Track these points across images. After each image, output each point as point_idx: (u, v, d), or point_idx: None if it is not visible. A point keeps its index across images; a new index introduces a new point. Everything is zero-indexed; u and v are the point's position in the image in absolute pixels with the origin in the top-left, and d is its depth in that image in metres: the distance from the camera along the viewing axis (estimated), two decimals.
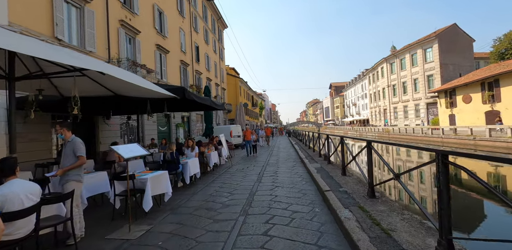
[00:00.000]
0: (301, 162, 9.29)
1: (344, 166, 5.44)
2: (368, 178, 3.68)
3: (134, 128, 13.49)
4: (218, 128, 18.22)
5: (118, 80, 4.72)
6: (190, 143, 6.93)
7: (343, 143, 5.47)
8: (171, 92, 6.26)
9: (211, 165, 7.75)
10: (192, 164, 6.19)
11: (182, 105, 9.56)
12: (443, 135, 21.56)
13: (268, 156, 12.05)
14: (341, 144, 5.50)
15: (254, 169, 8.43)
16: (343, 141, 5.45)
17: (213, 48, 29.78)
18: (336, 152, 6.41)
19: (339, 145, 5.93)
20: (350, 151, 5.18)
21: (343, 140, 5.48)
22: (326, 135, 7.35)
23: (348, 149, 5.31)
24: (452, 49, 35.12)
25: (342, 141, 5.46)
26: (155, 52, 15.71)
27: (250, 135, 11.85)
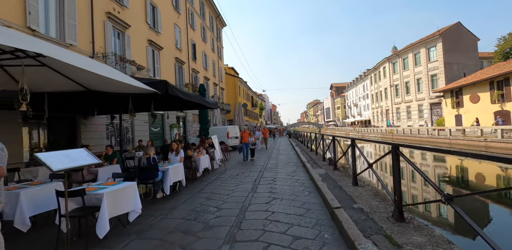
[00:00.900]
0: (302, 166, 8.33)
1: (355, 174, 4.50)
2: (395, 194, 2.73)
3: (123, 128, 12.55)
4: (214, 128, 17.27)
5: (85, 72, 3.81)
6: (174, 146, 5.98)
7: (354, 146, 4.52)
8: (151, 87, 5.35)
9: (200, 171, 6.81)
10: (175, 170, 5.25)
11: (170, 104, 8.64)
12: (451, 136, 20.57)
13: (267, 159, 11.08)
14: (352, 147, 4.55)
15: (250, 174, 7.47)
16: (355, 144, 4.51)
17: (211, 47, 28.89)
18: (344, 156, 5.45)
19: (348, 149, 4.99)
20: (364, 157, 4.21)
21: (354, 142, 4.54)
22: (332, 137, 6.41)
23: (361, 153, 4.35)
24: (456, 48, 34.21)
25: (353, 143, 4.52)
26: (147, 48, 14.80)
27: (248, 137, 10.58)
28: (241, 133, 11.09)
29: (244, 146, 10.80)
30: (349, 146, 4.81)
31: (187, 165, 6.52)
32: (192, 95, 7.26)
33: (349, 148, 4.84)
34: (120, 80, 4.43)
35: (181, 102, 7.70)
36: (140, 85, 5.00)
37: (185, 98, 6.53)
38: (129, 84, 4.74)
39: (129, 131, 12.97)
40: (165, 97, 6.59)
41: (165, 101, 8.03)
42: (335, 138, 6.45)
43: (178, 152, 5.94)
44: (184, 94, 6.34)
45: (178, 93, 5.82)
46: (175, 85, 18.51)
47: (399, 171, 2.80)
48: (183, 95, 6.22)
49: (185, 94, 6.53)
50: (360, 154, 4.38)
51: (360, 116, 62.42)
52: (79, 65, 3.22)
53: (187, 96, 6.69)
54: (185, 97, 6.43)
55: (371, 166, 3.74)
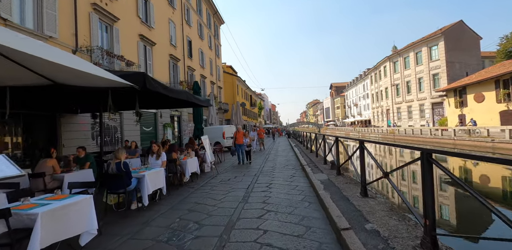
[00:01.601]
0: (301, 170, 7.59)
1: (365, 183, 3.75)
2: (426, 217, 1.97)
3: (111, 128, 11.80)
4: (210, 128, 16.54)
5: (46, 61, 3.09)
6: (155, 148, 5.23)
7: (363, 149, 3.77)
8: (127, 80, 4.61)
9: (187, 175, 6.06)
10: (153, 177, 4.50)
11: (158, 101, 7.90)
12: (455, 137, 19.87)
13: (263, 161, 10.32)
14: (361, 150, 3.79)
15: (244, 179, 6.73)
16: (364, 147, 3.76)
17: (208, 44, 28.11)
18: (350, 160, 4.70)
19: (355, 152, 4.25)
20: (378, 164, 3.41)
21: (363, 145, 3.78)
22: (335, 138, 5.65)
23: (374, 159, 3.58)
24: (458, 47, 33.57)
25: (361, 146, 3.77)
26: (138, 43, 14.03)
27: (242, 138, 9.49)
28: (234, 134, 9.97)
29: (238, 148, 9.67)
30: (356, 149, 4.06)
31: (171, 170, 5.77)
32: (179, 92, 6.51)
33: (357, 151, 4.09)
34: (88, 71, 3.71)
35: (169, 99, 6.98)
36: (113, 78, 4.27)
37: (169, 95, 5.80)
38: (100, 77, 4.01)
39: (118, 131, 12.21)
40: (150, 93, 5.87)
41: (151, 98, 7.31)
42: (338, 139, 5.70)
43: (160, 155, 5.19)
44: (167, 90, 5.58)
45: (160, 88, 5.07)
46: (170, 83, 17.81)
47: (432, 186, 2.04)
48: (166, 90, 5.46)
49: (169, 90, 5.78)
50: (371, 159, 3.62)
51: (360, 116, 61.74)
52: (35, 53, 2.50)
53: (171, 92, 5.94)
54: (168, 93, 5.69)
55: (387, 175, 3.00)
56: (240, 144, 9.67)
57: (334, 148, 5.92)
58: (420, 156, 2.16)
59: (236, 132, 9.89)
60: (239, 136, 9.61)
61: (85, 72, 3.74)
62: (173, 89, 6.29)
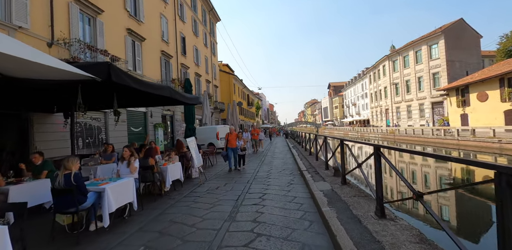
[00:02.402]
0: (300, 175, 6.77)
1: (383, 200, 2.89)
2: None
3: (94, 128, 10.91)
4: (202, 128, 15.70)
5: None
6: (125, 154, 4.37)
7: (379, 157, 2.91)
8: (89, 72, 3.77)
9: (168, 184, 5.22)
10: (118, 190, 3.65)
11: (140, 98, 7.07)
12: (459, 137, 19.15)
13: (258, 165, 9.46)
14: (377, 158, 2.93)
15: (234, 187, 5.88)
16: (381, 154, 2.90)
17: (204, 42, 27.22)
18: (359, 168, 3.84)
19: (368, 158, 3.42)
20: (405, 180, 2.53)
21: (379, 152, 2.92)
22: (340, 140, 4.80)
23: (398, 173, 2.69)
24: (458, 45, 32.98)
25: (377, 153, 2.90)
26: (126, 38, 13.14)
27: (235, 140, 8.26)
28: (226, 135, 8.55)
29: (230, 152, 8.30)
30: (369, 156, 3.23)
31: (147, 178, 4.92)
32: (160, 87, 5.66)
33: (370, 159, 3.26)
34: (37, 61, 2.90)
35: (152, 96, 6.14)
36: (67, 69, 3.42)
37: (144, 90, 4.95)
38: (51, 67, 3.19)
39: (102, 131, 11.32)
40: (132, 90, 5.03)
41: (133, 95, 6.46)
42: (344, 143, 4.85)
43: (131, 162, 4.33)
44: (141, 84, 4.73)
45: (129, 81, 4.21)
46: (162, 81, 16.91)
47: (508, 223, 1.23)
48: (139, 85, 4.61)
49: (144, 84, 4.92)
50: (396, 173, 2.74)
51: (359, 115, 61.12)
52: None
53: (148, 87, 5.09)
54: (143, 88, 4.84)
55: (420, 197, 2.16)
56: (233, 147, 8.39)
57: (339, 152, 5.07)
58: (494, 176, 1.34)
59: (228, 134, 8.54)
60: (232, 138, 8.37)
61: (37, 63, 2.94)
62: (151, 83, 5.44)
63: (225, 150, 8.44)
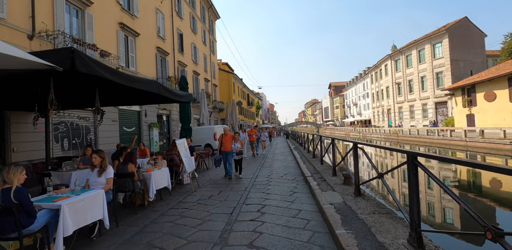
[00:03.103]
0: (304, 182, 6.03)
1: (419, 226, 2.15)
2: None
3: (82, 128, 10.18)
4: (199, 129, 14.97)
5: None
6: (95, 160, 3.64)
7: (416, 167, 2.16)
8: (48, 60, 3.06)
9: (152, 194, 4.48)
10: (81, 207, 2.92)
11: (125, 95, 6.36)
12: (467, 138, 18.40)
13: (258, 168, 8.71)
14: (412, 169, 2.18)
15: (229, 197, 5.14)
16: (419, 165, 2.14)
17: (202, 39, 26.48)
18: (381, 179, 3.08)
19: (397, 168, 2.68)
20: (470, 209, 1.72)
21: (416, 161, 2.17)
22: (353, 144, 4.06)
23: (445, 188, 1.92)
24: (463, 44, 32.24)
25: (413, 162, 2.14)
26: (118, 33, 12.41)
27: (230, 142, 7.13)
28: (220, 137, 7.29)
29: (225, 156, 7.11)
30: (400, 165, 2.49)
31: (126, 188, 4.18)
32: (144, 82, 4.92)
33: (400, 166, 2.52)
34: None
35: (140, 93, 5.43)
36: (16, 55, 2.71)
37: (126, 84, 4.23)
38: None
39: (90, 131, 10.58)
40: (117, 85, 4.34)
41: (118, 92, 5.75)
42: (357, 146, 4.11)
43: (104, 169, 3.59)
44: (120, 77, 4.00)
45: (102, 72, 3.48)
46: (158, 79, 16.21)
47: None
48: (117, 77, 3.88)
49: (122, 76, 4.18)
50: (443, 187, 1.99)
51: (360, 116, 60.37)
52: None
53: (130, 81, 4.37)
54: (124, 81, 4.12)
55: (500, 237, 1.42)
56: (227, 150, 7.12)
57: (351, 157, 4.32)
58: None
59: (222, 135, 7.23)
60: (227, 139, 7.14)
61: None
62: (134, 77, 4.71)
63: (218, 153, 7.19)
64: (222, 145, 7.23)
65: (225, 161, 7.24)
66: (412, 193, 2.24)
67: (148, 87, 4.95)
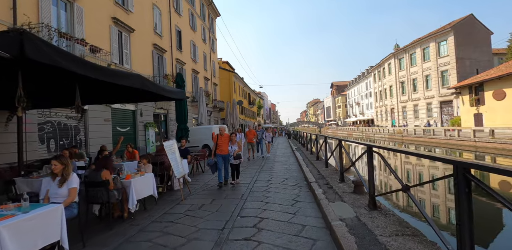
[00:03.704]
0: (308, 189, 5.39)
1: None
2: None
3: (70, 128, 9.59)
4: (197, 128, 14.37)
5: None
6: (56, 168, 2.99)
7: (467, 183, 1.54)
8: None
9: (132, 205, 3.86)
10: (25, 228, 2.30)
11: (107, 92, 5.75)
12: (476, 138, 17.67)
13: (257, 172, 8.06)
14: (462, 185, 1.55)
15: (222, 207, 4.51)
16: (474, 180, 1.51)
17: (202, 37, 25.87)
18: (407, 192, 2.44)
19: (436, 181, 2.06)
20: None
21: (469, 176, 1.55)
22: (367, 147, 3.40)
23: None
24: (468, 42, 31.45)
25: (463, 177, 1.52)
26: (111, 28, 11.81)
27: (227, 144, 6.18)
28: (214, 137, 6.37)
29: (220, 160, 6.13)
30: (442, 178, 1.89)
31: (99, 199, 3.56)
32: (125, 75, 4.30)
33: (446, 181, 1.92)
34: None
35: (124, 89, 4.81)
36: None
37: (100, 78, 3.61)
38: None
39: (80, 132, 9.99)
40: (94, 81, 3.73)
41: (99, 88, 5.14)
42: (372, 149, 3.45)
43: (66, 178, 2.97)
44: (91, 69, 3.37)
45: (62, 60, 2.86)
46: (154, 77, 15.61)
47: None
48: (86, 69, 3.25)
49: (97, 69, 3.56)
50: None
51: (363, 115, 59.59)
52: None
53: (106, 74, 3.75)
54: (97, 75, 3.49)
55: None
56: (223, 154, 6.16)
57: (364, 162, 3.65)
58: None
59: (217, 136, 6.26)
60: (223, 141, 6.17)
61: None
62: (112, 69, 4.09)
63: (212, 157, 6.22)
64: (217, 147, 6.24)
65: (220, 166, 6.17)
66: (465, 214, 1.59)
67: (129, 82, 4.32)
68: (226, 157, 6.28)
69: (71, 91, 4.38)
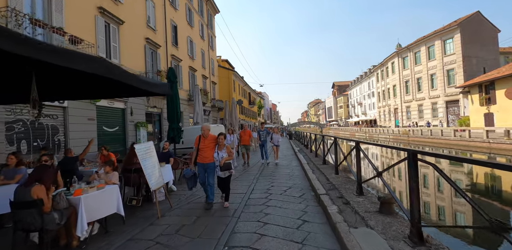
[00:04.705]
0: (317, 204, 4.35)
1: None
2: None
3: (47, 128, 8.57)
4: (190, 129, 13.36)
5: None
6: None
7: None
8: None
9: (81, 231, 2.82)
10: None
11: (73, 83, 4.74)
12: (490, 139, 16.59)
13: (255, 179, 6.96)
14: None
15: (204, 233, 3.41)
16: None
17: (200, 33, 24.85)
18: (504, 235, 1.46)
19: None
20: None
21: None
22: (409, 153, 2.36)
23: None
24: (475, 40, 30.39)
25: None
26: (97, 18, 10.79)
27: (212, 150, 4.61)
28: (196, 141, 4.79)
29: (203, 172, 4.63)
30: None
31: (29, 225, 2.53)
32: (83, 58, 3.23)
33: None
34: None
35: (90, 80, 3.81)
36: None
37: (41, 59, 2.55)
38: None
39: (59, 132, 8.97)
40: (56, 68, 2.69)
41: (63, 78, 4.12)
42: (416, 157, 2.39)
43: None
44: (37, 50, 2.32)
45: None
46: (147, 73, 14.59)
47: None
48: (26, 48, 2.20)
49: (33, 45, 2.50)
50: None
51: (365, 115, 58.48)
52: None
53: (51, 55, 2.70)
54: (25, 51, 2.44)
55: None
56: (206, 162, 4.58)
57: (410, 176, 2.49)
58: None
59: (199, 138, 4.71)
60: (206, 145, 4.60)
61: None
62: (60, 49, 3.08)
63: (191, 165, 4.77)
64: (198, 153, 4.63)
65: (202, 179, 4.61)
66: None
67: (86, 67, 3.27)
68: (210, 167, 4.59)
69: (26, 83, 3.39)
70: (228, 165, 4.52)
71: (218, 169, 4.57)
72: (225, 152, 4.61)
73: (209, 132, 4.76)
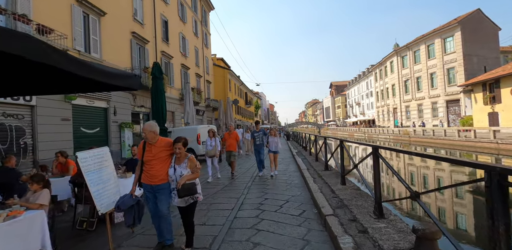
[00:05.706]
0: (322, 228, 3.36)
1: None
2: None
3: (10, 129, 7.49)
4: (179, 130, 12.32)
5: None
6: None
7: None
8: None
9: None
10: None
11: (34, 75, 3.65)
12: (498, 140, 15.74)
13: (245, 188, 5.95)
14: None
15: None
16: None
17: (193, 30, 23.82)
18: None
19: None
20: None
21: None
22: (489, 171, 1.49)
23: None
24: (476, 38, 29.69)
25: None
26: (73, 8, 9.74)
27: (163, 165, 2.94)
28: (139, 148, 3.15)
29: (152, 198, 2.97)
30: None
31: None
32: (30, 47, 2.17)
33: None
34: None
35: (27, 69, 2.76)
36: None
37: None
38: None
39: (25, 134, 7.88)
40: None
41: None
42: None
43: None
44: None
45: None
46: (133, 69, 13.48)
47: None
48: None
49: None
50: None
51: (363, 115, 57.76)
52: None
53: None
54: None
55: None
56: (155, 183, 2.92)
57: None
58: None
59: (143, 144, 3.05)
60: (155, 155, 2.93)
61: None
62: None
63: (132, 190, 3.03)
64: (143, 169, 2.99)
65: (153, 208, 2.98)
66: None
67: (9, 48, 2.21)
68: (162, 190, 2.94)
69: None
70: (191, 188, 2.81)
71: (174, 194, 2.87)
72: (185, 167, 2.90)
73: (155, 136, 2.95)
